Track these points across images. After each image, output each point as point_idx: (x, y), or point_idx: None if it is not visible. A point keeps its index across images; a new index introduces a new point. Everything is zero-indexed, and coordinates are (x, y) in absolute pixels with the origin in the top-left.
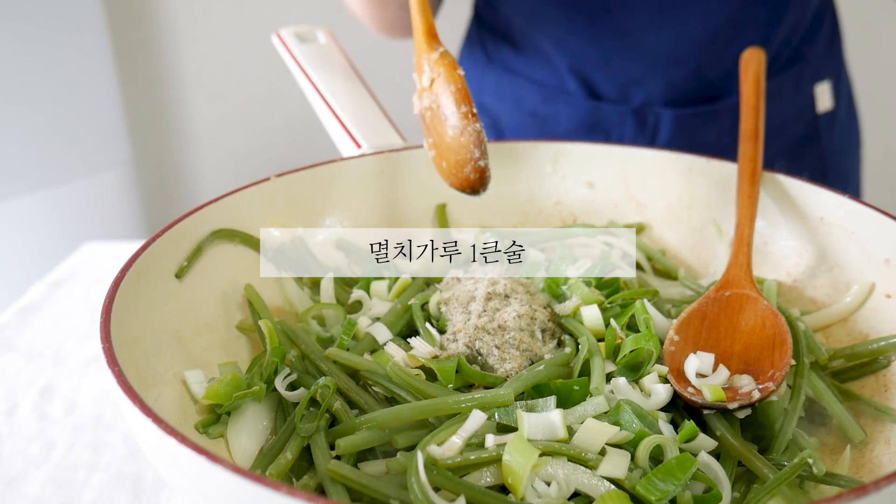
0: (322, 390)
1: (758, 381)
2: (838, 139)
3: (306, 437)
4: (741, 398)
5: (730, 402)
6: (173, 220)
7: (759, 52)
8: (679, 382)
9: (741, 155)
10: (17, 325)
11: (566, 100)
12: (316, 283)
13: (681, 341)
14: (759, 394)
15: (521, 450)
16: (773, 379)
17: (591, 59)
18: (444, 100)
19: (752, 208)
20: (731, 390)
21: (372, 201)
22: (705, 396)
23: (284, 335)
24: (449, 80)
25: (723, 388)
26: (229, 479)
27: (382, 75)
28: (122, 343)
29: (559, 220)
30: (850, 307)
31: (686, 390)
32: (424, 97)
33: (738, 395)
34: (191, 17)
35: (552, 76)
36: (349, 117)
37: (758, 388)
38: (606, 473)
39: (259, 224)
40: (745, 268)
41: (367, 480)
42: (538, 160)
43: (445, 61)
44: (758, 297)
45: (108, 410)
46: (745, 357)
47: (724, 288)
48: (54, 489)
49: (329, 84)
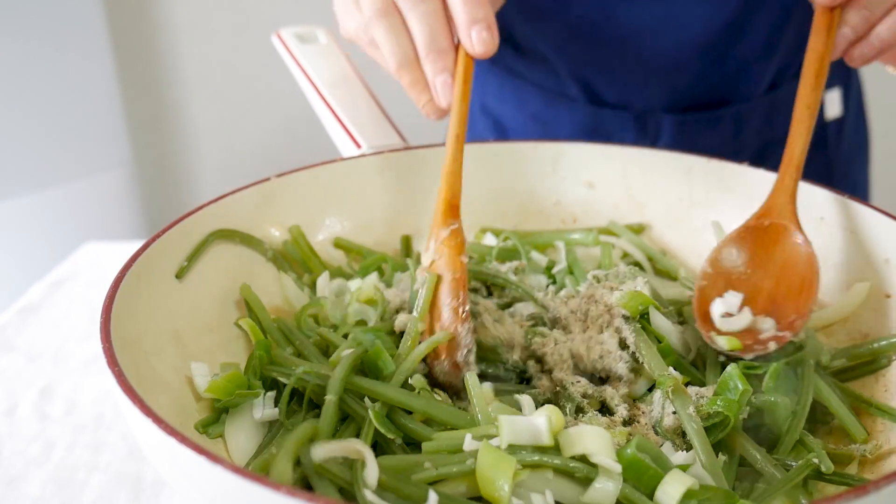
0: (301, 381)
1: (779, 326)
2: (846, 146)
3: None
4: (758, 347)
5: (746, 353)
6: (173, 220)
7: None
8: (704, 324)
9: (809, 50)
10: (17, 325)
11: (567, 104)
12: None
13: (713, 275)
14: (775, 344)
15: (494, 460)
16: (792, 327)
17: (592, 65)
18: (441, 286)
19: (808, 120)
20: (752, 334)
21: (372, 201)
22: (720, 345)
23: (280, 333)
24: (448, 267)
25: (744, 330)
26: (229, 479)
27: (382, 75)
28: (122, 343)
29: (559, 220)
30: (850, 307)
31: (708, 334)
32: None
33: (756, 343)
34: (191, 17)
35: (554, 81)
36: (349, 117)
37: (777, 334)
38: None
39: (259, 224)
40: (790, 194)
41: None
42: (538, 160)
43: (452, 243)
44: (796, 229)
45: (108, 410)
46: (774, 294)
47: (764, 216)
48: (54, 489)
49: (329, 84)
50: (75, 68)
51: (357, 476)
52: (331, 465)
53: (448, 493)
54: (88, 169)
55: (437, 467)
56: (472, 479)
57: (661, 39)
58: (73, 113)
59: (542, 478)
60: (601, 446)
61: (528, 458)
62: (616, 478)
